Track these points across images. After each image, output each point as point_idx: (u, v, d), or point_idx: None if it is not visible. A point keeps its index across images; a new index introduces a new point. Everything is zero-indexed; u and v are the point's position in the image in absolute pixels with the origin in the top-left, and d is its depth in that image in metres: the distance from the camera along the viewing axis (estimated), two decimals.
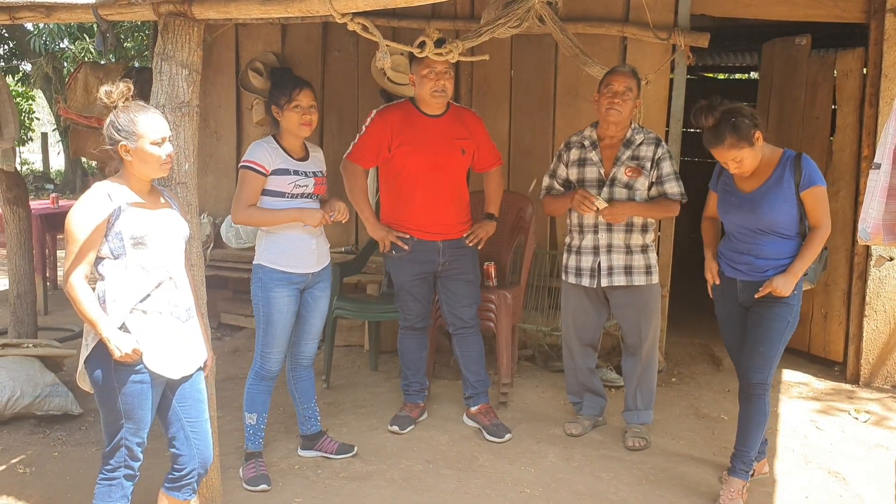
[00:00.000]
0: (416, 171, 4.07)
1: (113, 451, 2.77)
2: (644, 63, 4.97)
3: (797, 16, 5.05)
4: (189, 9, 3.01)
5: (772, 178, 3.41)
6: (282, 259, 3.63)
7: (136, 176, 2.76)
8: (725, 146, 3.29)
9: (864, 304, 5.06)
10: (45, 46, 13.32)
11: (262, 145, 3.65)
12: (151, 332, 2.72)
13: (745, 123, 3.27)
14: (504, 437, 4.17)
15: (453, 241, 4.19)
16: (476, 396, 4.33)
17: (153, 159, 2.73)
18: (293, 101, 3.59)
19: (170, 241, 2.80)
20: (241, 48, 6.04)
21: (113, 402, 2.72)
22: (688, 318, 6.08)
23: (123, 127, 2.70)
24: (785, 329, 3.43)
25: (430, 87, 3.99)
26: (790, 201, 3.37)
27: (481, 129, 4.30)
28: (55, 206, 7.41)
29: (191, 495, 2.93)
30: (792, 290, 3.36)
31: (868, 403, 4.80)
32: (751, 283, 3.47)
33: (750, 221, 3.45)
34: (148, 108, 2.79)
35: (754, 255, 3.46)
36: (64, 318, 6.51)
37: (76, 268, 2.64)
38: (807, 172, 3.35)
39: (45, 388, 4.31)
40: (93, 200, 2.68)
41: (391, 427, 4.23)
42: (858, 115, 5.08)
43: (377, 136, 4.07)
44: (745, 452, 3.50)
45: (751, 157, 3.34)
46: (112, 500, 2.79)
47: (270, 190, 3.62)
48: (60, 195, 7.75)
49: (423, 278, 4.21)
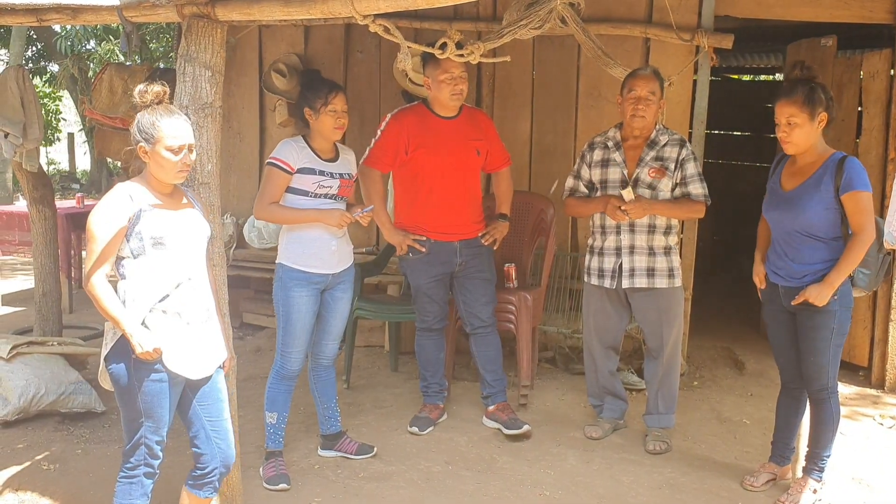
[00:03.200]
0: (432, 172, 4.08)
1: (133, 450, 2.79)
2: (667, 64, 4.94)
3: (823, 17, 4.99)
4: (212, 10, 3.03)
5: (812, 178, 3.37)
6: (302, 259, 3.65)
7: (154, 178, 2.77)
8: (791, 100, 3.32)
9: (889, 308, 4.99)
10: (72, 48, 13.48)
11: (291, 144, 3.68)
12: (170, 332, 2.73)
13: (820, 96, 3.31)
14: (522, 427, 4.16)
15: (470, 241, 4.20)
16: (494, 395, 4.34)
17: (168, 165, 2.73)
18: (329, 105, 3.61)
19: (190, 241, 2.82)
20: (265, 49, 6.07)
21: (133, 401, 2.74)
22: (710, 321, 6.03)
23: (144, 128, 2.72)
24: (831, 336, 3.38)
25: (448, 90, 4.00)
26: (827, 203, 3.31)
27: (493, 130, 4.34)
28: (81, 206, 7.49)
29: (212, 493, 2.95)
30: (829, 299, 3.31)
31: (893, 409, 4.73)
32: (790, 288, 3.43)
33: (787, 221, 3.42)
34: (174, 112, 2.78)
35: (792, 259, 3.42)
36: (89, 316, 6.58)
37: (97, 268, 2.66)
38: (848, 175, 3.28)
39: (69, 385, 4.35)
40: (114, 201, 2.69)
41: (411, 428, 4.24)
42: (885, 117, 5.02)
43: (394, 139, 4.08)
44: (816, 453, 3.53)
45: (803, 131, 3.32)
46: (132, 498, 2.81)
47: (294, 188, 3.64)
48: (86, 195, 7.82)
49: (441, 280, 4.22)
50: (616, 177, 4.01)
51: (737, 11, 5.10)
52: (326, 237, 3.68)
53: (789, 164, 3.51)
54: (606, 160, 4.05)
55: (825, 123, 3.35)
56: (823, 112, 3.32)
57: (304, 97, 3.69)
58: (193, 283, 2.81)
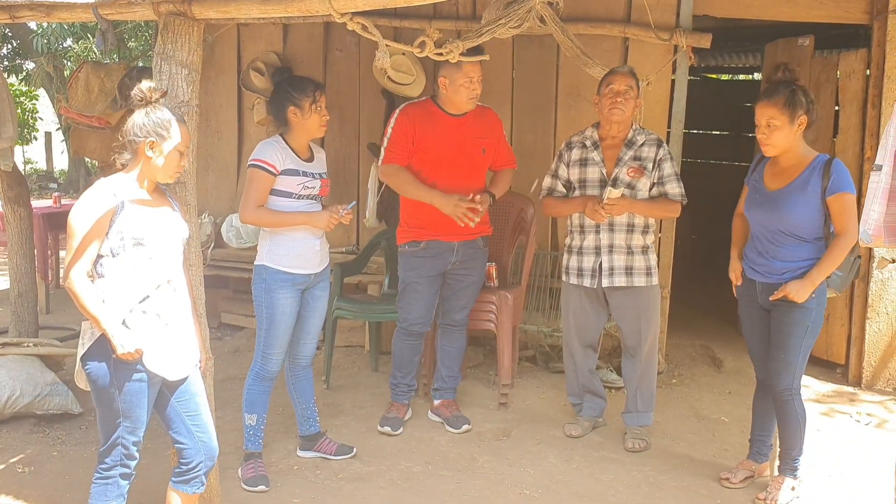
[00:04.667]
0: (437, 169, 4.08)
1: (109, 450, 2.77)
2: (646, 64, 4.96)
3: (800, 16, 5.03)
4: (189, 8, 3.00)
5: (798, 180, 3.39)
6: (286, 260, 3.62)
7: (147, 175, 2.77)
8: (771, 102, 3.33)
9: (866, 306, 5.04)
10: (48, 46, 13.33)
11: (273, 144, 3.64)
12: (150, 332, 2.72)
13: (801, 99, 3.33)
14: (461, 427, 4.23)
15: (468, 242, 4.19)
16: (444, 390, 4.39)
17: (173, 164, 2.77)
18: (317, 102, 3.61)
19: (169, 242, 2.81)
20: (243, 48, 6.03)
21: (110, 401, 2.72)
22: (688, 319, 6.06)
23: (159, 124, 2.72)
24: (804, 334, 3.41)
25: (466, 94, 4.02)
26: (813, 205, 3.34)
27: (500, 129, 4.35)
28: (58, 206, 7.41)
29: (200, 488, 2.94)
30: (808, 297, 3.34)
31: (870, 406, 4.78)
32: (768, 285, 3.46)
33: (771, 221, 3.44)
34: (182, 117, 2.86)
35: (773, 257, 3.45)
36: (65, 317, 6.52)
37: (76, 263, 2.63)
38: (835, 177, 3.31)
39: (45, 387, 4.30)
40: (96, 195, 2.68)
41: (382, 428, 4.22)
42: (861, 117, 5.07)
43: (404, 131, 4.08)
44: (787, 453, 3.56)
45: (783, 134, 3.34)
46: (108, 499, 2.79)
47: (278, 190, 3.61)
48: (63, 194, 7.75)
49: (433, 278, 4.21)
50: (595, 176, 4.02)
51: (715, 11, 5.13)
52: (311, 238, 3.67)
53: (771, 165, 3.53)
54: (585, 159, 4.06)
55: (805, 126, 3.37)
56: (804, 115, 3.34)
57: (290, 97, 3.64)
58: (173, 284, 2.81)
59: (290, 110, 3.63)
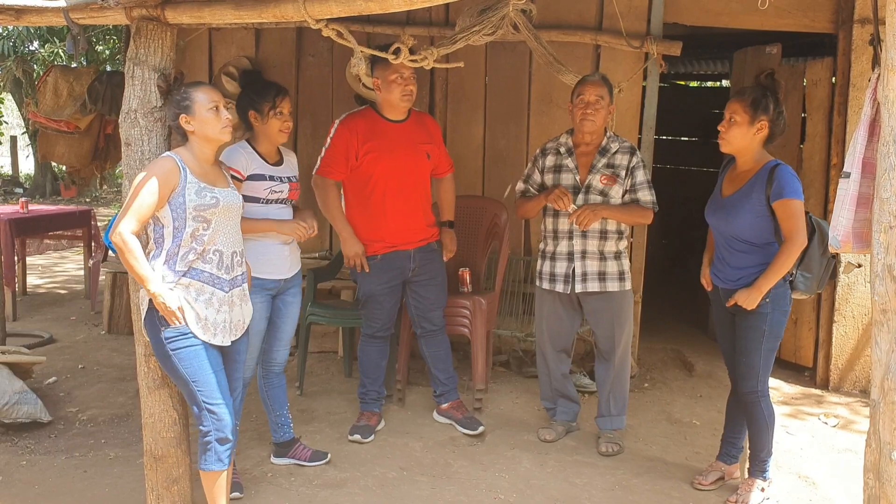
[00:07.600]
0: (384, 177, 4.07)
1: (200, 415, 2.97)
2: (617, 71, 5.02)
3: (767, 25, 5.12)
4: (162, 13, 2.99)
5: (745, 186, 3.44)
6: (256, 265, 3.59)
7: (200, 147, 2.98)
8: (739, 98, 3.40)
9: (833, 310, 5.13)
10: (15, 49, 13.15)
11: (239, 150, 3.62)
12: (198, 301, 2.92)
13: (767, 104, 3.36)
14: (477, 429, 4.23)
15: (423, 248, 4.20)
16: (447, 393, 4.39)
17: (212, 123, 2.96)
18: (277, 108, 3.59)
19: (227, 214, 3.01)
20: (215, 52, 5.99)
21: (173, 365, 2.93)
22: (660, 323, 6.12)
23: (181, 100, 2.95)
24: (762, 338, 3.44)
25: (399, 91, 4.00)
26: (758, 211, 3.38)
27: (439, 135, 4.39)
28: (25, 211, 7.29)
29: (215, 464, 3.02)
30: (759, 303, 3.38)
31: (837, 408, 4.86)
32: (727, 290, 3.50)
33: (723, 226, 3.49)
34: (200, 82, 3.17)
35: (728, 263, 3.50)
36: (33, 324, 6.42)
37: (126, 218, 2.79)
38: (778, 184, 3.33)
39: (13, 395, 4.23)
40: (164, 164, 2.88)
41: (352, 437, 4.18)
42: (828, 124, 5.16)
43: (344, 144, 4.06)
44: (756, 455, 3.61)
45: (740, 131, 3.39)
46: (207, 463, 3.00)
47: (245, 195, 3.58)
48: (30, 199, 7.61)
49: (393, 288, 4.22)
50: (569, 182, 4.05)
51: (685, 19, 5.20)
52: (279, 244, 3.66)
53: (731, 171, 3.58)
54: (559, 166, 4.09)
55: (765, 133, 3.40)
56: (765, 120, 3.36)
57: (250, 100, 3.62)
58: (226, 254, 2.99)
59: (250, 114, 3.62)
